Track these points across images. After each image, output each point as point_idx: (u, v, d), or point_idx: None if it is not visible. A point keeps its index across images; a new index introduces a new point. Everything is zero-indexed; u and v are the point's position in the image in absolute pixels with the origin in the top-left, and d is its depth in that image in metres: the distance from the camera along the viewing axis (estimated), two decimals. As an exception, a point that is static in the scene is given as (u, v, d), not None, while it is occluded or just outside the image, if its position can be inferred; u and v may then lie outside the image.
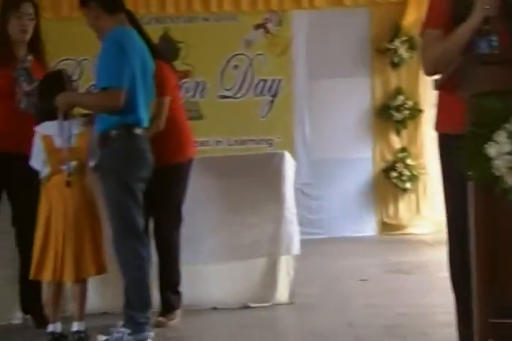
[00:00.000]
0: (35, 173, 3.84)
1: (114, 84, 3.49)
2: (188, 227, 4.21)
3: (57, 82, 3.69)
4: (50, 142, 3.59)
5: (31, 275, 3.58)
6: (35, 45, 3.99)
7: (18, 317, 4.10)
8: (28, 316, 4.01)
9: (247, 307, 4.26)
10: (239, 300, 4.31)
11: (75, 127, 3.63)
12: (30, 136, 3.86)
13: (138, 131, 3.60)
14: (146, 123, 3.68)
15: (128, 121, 3.58)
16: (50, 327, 3.56)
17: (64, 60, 7.63)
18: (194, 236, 4.29)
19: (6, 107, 3.87)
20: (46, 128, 3.62)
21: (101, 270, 3.63)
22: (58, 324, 3.57)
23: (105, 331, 3.54)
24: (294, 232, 4.38)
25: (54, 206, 3.56)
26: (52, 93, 3.60)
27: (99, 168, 3.64)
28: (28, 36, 3.91)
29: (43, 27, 7.95)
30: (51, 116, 3.60)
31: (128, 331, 3.47)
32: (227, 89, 8.12)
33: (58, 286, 3.62)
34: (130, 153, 3.58)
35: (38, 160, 3.64)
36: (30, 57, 3.96)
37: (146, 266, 3.60)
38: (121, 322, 3.53)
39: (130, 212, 3.56)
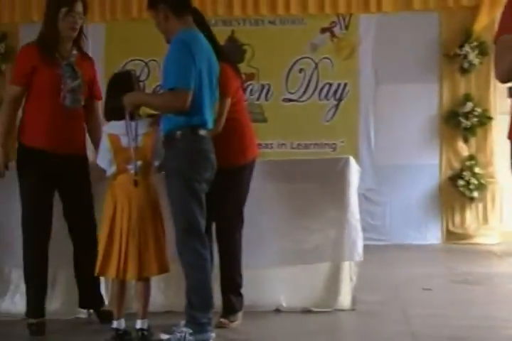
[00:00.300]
0: (85, 172, 3.90)
1: (181, 85, 3.50)
2: (251, 231, 4.21)
3: (125, 82, 3.74)
4: (117, 141, 3.63)
5: (96, 272, 3.62)
6: (80, 41, 4.02)
7: (83, 312, 4.16)
8: (92, 311, 4.07)
9: (309, 311, 4.23)
10: (301, 304, 4.28)
11: (142, 127, 3.66)
12: (77, 134, 3.95)
13: (202, 132, 3.62)
14: (210, 124, 3.69)
15: (193, 122, 3.60)
16: (114, 324, 3.60)
17: (132, 60, 7.73)
18: (258, 240, 4.28)
19: (54, 105, 3.88)
20: (113, 128, 3.67)
21: (164, 269, 3.65)
22: (122, 321, 3.61)
23: (168, 330, 3.57)
24: (357, 238, 4.32)
25: (119, 204, 3.59)
26: (120, 93, 3.64)
27: (164, 168, 3.67)
28: (76, 33, 3.96)
29: (114, 28, 8.14)
30: (119, 115, 3.63)
31: (190, 331, 3.48)
32: (292, 93, 8.09)
33: (122, 284, 3.65)
34: (194, 154, 3.60)
35: (104, 159, 3.68)
36: (75, 53, 3.98)
37: (208, 267, 3.60)
38: (183, 322, 3.55)
39: (193, 213, 3.57)
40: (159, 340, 3.55)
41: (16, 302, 4.27)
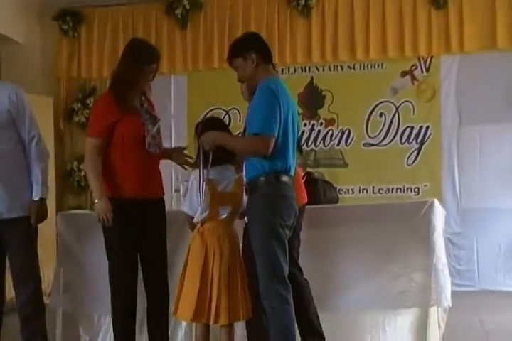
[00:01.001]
0: (163, 214, 3.99)
1: (266, 130, 3.56)
2: (337, 276, 4.23)
3: (217, 127, 3.78)
4: (214, 186, 3.66)
5: (190, 318, 3.62)
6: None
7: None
8: None
9: (395, 357, 4.14)
10: (386, 351, 4.20)
11: (232, 173, 3.71)
12: (159, 177, 4.05)
13: (285, 178, 3.66)
14: (293, 171, 3.71)
15: (277, 168, 3.64)
16: None
17: (213, 109, 7.90)
18: (344, 285, 4.27)
19: (141, 153, 3.96)
20: (212, 173, 3.70)
21: (249, 314, 3.64)
22: None
23: None
24: (445, 283, 4.21)
25: (210, 249, 3.63)
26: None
27: (247, 214, 3.70)
28: (146, 89, 4.10)
29: (195, 78, 8.32)
30: (219, 160, 3.70)
31: None
32: (372, 137, 8.06)
33: (207, 329, 3.65)
34: (279, 200, 3.63)
35: (193, 205, 3.71)
36: (143, 99, 4.09)
37: (292, 313, 3.57)
38: None
39: (277, 258, 3.59)
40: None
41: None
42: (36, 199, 3.94)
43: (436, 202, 4.35)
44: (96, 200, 3.86)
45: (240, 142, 3.81)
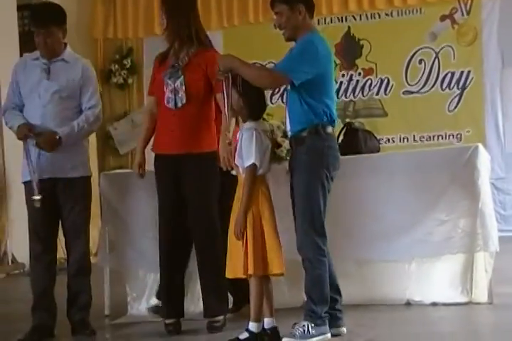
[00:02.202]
0: (203, 170, 3.91)
1: (287, 72, 3.54)
2: (382, 225, 4.21)
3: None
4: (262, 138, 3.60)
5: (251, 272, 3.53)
6: (191, 37, 4.06)
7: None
8: None
9: (439, 304, 4.12)
10: (433, 297, 4.18)
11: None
12: (188, 133, 3.95)
13: (330, 129, 3.67)
14: (336, 122, 3.73)
15: (324, 120, 3.64)
16: (251, 326, 3.53)
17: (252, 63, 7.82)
18: (386, 234, 4.24)
19: (163, 109, 4.00)
20: (263, 125, 3.66)
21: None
22: (260, 324, 3.54)
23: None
24: (492, 228, 4.14)
25: (265, 204, 3.58)
26: (253, 89, 3.60)
27: (293, 167, 3.66)
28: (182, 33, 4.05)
29: (231, 34, 8.30)
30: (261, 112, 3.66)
31: (311, 325, 3.50)
32: (412, 85, 7.93)
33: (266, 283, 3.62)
34: (325, 151, 3.63)
35: (257, 156, 3.55)
36: (190, 51, 4.01)
37: (327, 265, 3.60)
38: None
39: (319, 209, 3.60)
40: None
41: (152, 304, 4.44)
42: (57, 131, 3.97)
43: (481, 147, 4.26)
44: None
45: (254, 70, 3.70)
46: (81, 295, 4.03)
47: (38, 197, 3.88)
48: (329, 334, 3.54)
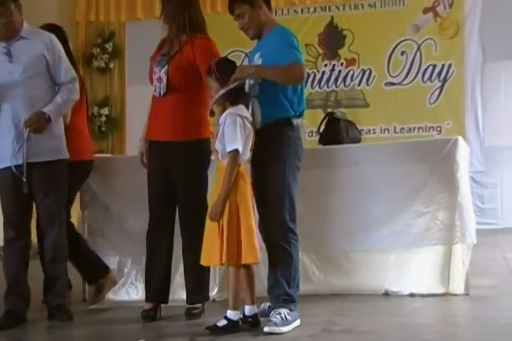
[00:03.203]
0: (183, 159, 3.89)
1: (301, 60, 3.63)
2: (360, 215, 4.24)
3: (230, 68, 3.64)
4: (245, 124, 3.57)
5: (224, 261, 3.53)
6: (178, 26, 3.98)
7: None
8: None
9: (419, 295, 4.16)
10: (411, 288, 4.21)
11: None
12: (172, 121, 3.91)
13: (300, 121, 3.73)
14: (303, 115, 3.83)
15: (299, 112, 3.72)
16: (230, 314, 3.53)
17: (233, 51, 7.80)
18: (366, 224, 4.27)
19: (153, 97, 3.98)
20: (244, 111, 3.59)
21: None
22: (238, 312, 3.56)
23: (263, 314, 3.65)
24: (469, 220, 4.18)
25: (241, 193, 3.56)
26: (226, 77, 3.58)
27: (265, 155, 3.67)
28: (168, 23, 3.99)
29: (214, 20, 8.27)
30: (244, 98, 3.61)
31: (287, 310, 3.56)
32: (394, 76, 7.96)
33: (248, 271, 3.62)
34: (298, 143, 3.72)
35: (240, 141, 3.51)
36: (178, 40, 3.96)
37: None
38: (267, 304, 3.69)
39: (294, 197, 3.70)
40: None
41: (129, 291, 4.47)
42: (44, 110, 3.89)
43: (461, 140, 4.29)
44: None
45: (278, 70, 3.63)
46: (58, 282, 4.00)
47: (26, 191, 3.84)
48: (299, 320, 3.60)
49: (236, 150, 3.50)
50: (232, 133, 3.49)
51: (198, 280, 3.96)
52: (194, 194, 3.90)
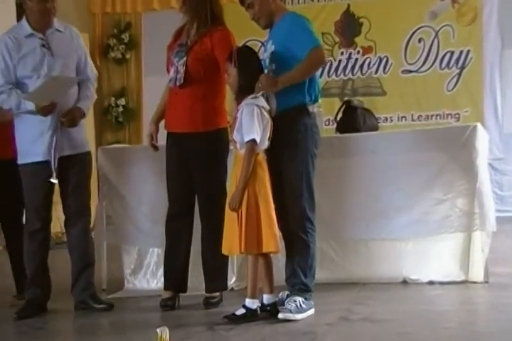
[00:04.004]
0: (205, 148, 3.89)
1: (317, 43, 3.65)
2: (379, 204, 4.23)
3: (250, 57, 3.65)
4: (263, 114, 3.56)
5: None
6: (197, 18, 3.95)
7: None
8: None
9: (438, 283, 4.14)
10: (430, 276, 4.20)
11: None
12: (189, 112, 3.89)
13: (313, 108, 3.71)
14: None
15: (313, 99, 3.71)
16: (248, 302, 3.54)
17: (250, 40, 7.75)
18: (386, 213, 4.25)
19: (170, 88, 3.98)
20: (262, 101, 3.56)
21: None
22: (257, 301, 3.56)
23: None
24: (489, 208, 4.15)
25: (261, 182, 3.56)
26: (251, 67, 3.59)
27: (283, 142, 3.66)
28: (190, 16, 3.96)
29: (231, 10, 8.25)
30: (251, 90, 3.57)
31: (303, 299, 3.57)
32: (411, 64, 7.91)
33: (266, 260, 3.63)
34: (315, 130, 3.70)
35: (258, 131, 3.51)
36: (195, 31, 3.94)
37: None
38: (286, 292, 3.68)
39: (313, 185, 3.69)
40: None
41: (149, 279, 4.50)
42: (80, 106, 3.93)
43: (479, 126, 4.25)
44: None
45: (303, 66, 3.60)
46: (88, 271, 4.05)
47: (56, 181, 3.88)
48: (313, 309, 3.61)
49: (253, 140, 3.49)
50: (250, 123, 3.49)
51: (216, 269, 3.96)
52: (214, 184, 3.90)
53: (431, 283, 4.16)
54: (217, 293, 3.98)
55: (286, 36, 3.63)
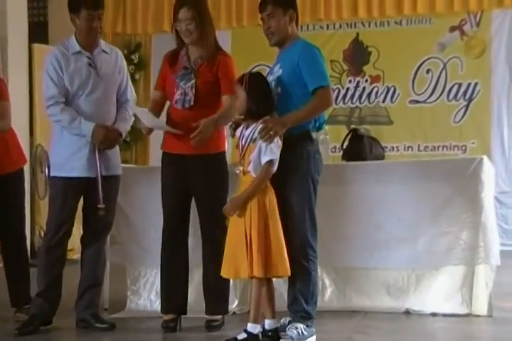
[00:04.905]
0: (213, 169, 3.92)
1: (327, 82, 3.68)
2: (383, 233, 4.23)
3: (260, 83, 3.68)
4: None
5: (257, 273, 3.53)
6: (205, 42, 3.95)
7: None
8: None
9: (439, 315, 4.13)
10: (432, 308, 4.19)
11: None
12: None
13: (316, 135, 3.74)
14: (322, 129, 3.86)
15: (318, 124, 3.75)
16: (250, 327, 3.52)
17: (258, 65, 7.81)
18: (388, 243, 4.26)
19: (173, 109, 3.99)
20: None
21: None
22: (259, 326, 3.55)
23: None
24: (493, 241, 4.15)
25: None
26: (259, 95, 3.62)
27: (290, 169, 3.67)
28: (192, 38, 3.93)
29: (240, 34, 8.29)
30: (256, 118, 3.61)
31: (304, 326, 3.57)
32: (419, 94, 7.94)
33: (268, 284, 3.62)
34: (318, 156, 3.73)
35: (275, 152, 3.56)
36: (201, 54, 3.96)
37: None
38: (288, 319, 3.67)
39: (315, 212, 3.69)
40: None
41: (152, 300, 4.47)
42: (117, 129, 3.99)
43: (486, 159, 4.26)
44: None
45: (310, 107, 3.64)
46: (95, 290, 4.08)
47: (103, 206, 3.92)
48: (315, 336, 3.60)
49: (271, 161, 3.53)
50: (268, 145, 3.52)
51: (218, 291, 3.96)
52: (216, 206, 3.87)
53: (434, 314, 4.15)
54: (219, 316, 3.97)
55: (296, 62, 3.66)
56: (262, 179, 3.55)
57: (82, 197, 4.02)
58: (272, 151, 3.53)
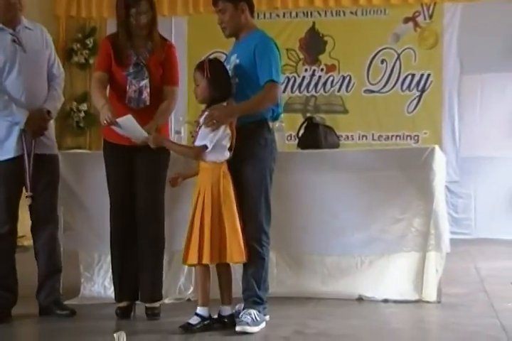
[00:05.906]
0: (150, 161, 3.89)
1: (279, 79, 3.73)
2: (337, 220, 4.28)
3: (220, 69, 3.68)
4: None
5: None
6: (152, 34, 3.92)
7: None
8: None
9: (390, 301, 4.20)
10: (384, 294, 4.25)
11: None
12: None
13: (272, 124, 3.83)
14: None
15: (276, 114, 3.83)
16: (199, 310, 3.59)
17: (214, 52, 7.78)
18: (340, 229, 4.31)
19: (121, 105, 3.87)
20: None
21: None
22: (207, 308, 3.60)
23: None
24: (444, 229, 4.24)
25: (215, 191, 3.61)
26: (223, 81, 3.63)
27: (247, 155, 3.70)
28: (146, 31, 3.89)
29: (196, 21, 8.23)
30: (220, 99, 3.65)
31: (257, 312, 3.61)
32: (373, 84, 8.02)
33: (206, 271, 3.65)
34: (274, 145, 3.80)
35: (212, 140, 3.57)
36: (149, 48, 3.92)
37: None
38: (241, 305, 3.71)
39: (270, 199, 3.75)
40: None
41: (106, 287, 4.47)
42: (47, 107, 3.90)
43: (437, 149, 4.34)
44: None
45: (255, 101, 3.69)
46: (54, 277, 4.04)
47: (30, 194, 3.84)
48: (265, 322, 3.67)
49: (205, 146, 3.55)
50: (207, 131, 3.54)
51: (157, 278, 3.97)
52: (156, 195, 3.92)
53: (385, 301, 4.21)
54: (158, 303, 3.96)
55: (253, 53, 3.69)
56: (186, 155, 3.72)
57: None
58: (207, 137, 3.54)
